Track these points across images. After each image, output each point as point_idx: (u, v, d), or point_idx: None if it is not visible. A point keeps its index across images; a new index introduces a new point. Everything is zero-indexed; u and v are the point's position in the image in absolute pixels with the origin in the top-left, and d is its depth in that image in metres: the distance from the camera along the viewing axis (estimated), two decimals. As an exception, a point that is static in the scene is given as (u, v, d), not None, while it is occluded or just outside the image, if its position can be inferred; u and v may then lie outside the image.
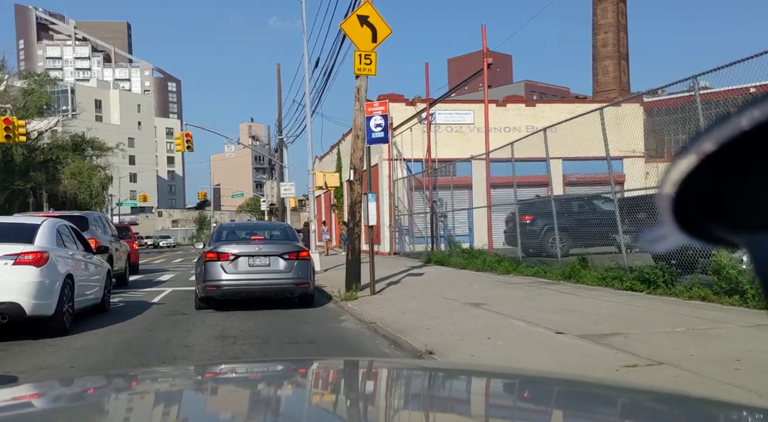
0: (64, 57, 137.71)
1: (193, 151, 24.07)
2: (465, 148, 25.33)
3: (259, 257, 9.01)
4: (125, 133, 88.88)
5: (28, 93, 37.06)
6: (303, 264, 9.19)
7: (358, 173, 11.28)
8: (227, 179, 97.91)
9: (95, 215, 12.81)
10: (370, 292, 10.43)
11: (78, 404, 1.48)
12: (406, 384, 1.74)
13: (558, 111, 27.36)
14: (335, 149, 37.09)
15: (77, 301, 7.59)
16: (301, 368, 2.06)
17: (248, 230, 10.67)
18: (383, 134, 10.38)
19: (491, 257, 14.86)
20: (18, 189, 37.19)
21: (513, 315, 7.35)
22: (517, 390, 1.63)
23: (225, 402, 1.52)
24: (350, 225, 11.30)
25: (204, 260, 8.95)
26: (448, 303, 8.93)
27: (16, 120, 18.90)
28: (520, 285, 10.87)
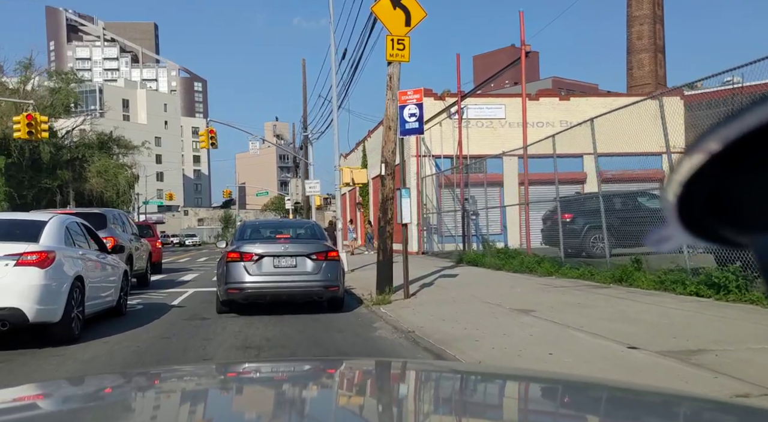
0: (93, 58, 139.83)
1: (217, 147, 23.59)
2: (495, 143, 24.42)
3: (285, 257, 8.29)
4: (152, 132, 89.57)
5: (55, 91, 37.11)
6: (332, 265, 8.44)
7: (389, 167, 10.50)
8: (252, 178, 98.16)
9: (114, 212, 12.26)
10: (403, 295, 9.66)
11: (100, 403, 1.48)
12: (436, 387, 1.70)
13: (593, 105, 26.20)
14: (361, 146, 36.38)
15: (88, 305, 6.96)
16: (329, 368, 2.02)
17: (273, 228, 9.97)
18: (418, 125, 9.58)
19: (530, 257, 13.95)
20: (45, 187, 37.30)
21: (570, 325, 6.49)
22: (559, 395, 1.55)
23: (249, 402, 1.51)
24: (381, 223, 10.53)
25: (226, 260, 8.27)
26: (491, 309, 8.10)
27: (39, 116, 18.58)
28: (567, 288, 9.97)
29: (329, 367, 2.06)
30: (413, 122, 9.63)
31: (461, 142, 22.90)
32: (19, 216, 7.77)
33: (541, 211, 20.32)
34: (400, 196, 9.65)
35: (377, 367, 2.16)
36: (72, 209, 11.42)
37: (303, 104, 31.04)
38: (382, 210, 10.50)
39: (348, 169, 17.43)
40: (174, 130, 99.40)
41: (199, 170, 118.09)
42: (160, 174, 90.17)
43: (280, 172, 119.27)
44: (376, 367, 2.16)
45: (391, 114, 10.33)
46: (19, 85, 35.85)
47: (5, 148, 34.78)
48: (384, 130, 10.54)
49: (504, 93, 29.94)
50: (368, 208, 36.30)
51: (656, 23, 37.30)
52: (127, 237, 12.05)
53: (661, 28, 37.82)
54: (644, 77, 36.86)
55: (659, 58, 37.41)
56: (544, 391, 1.62)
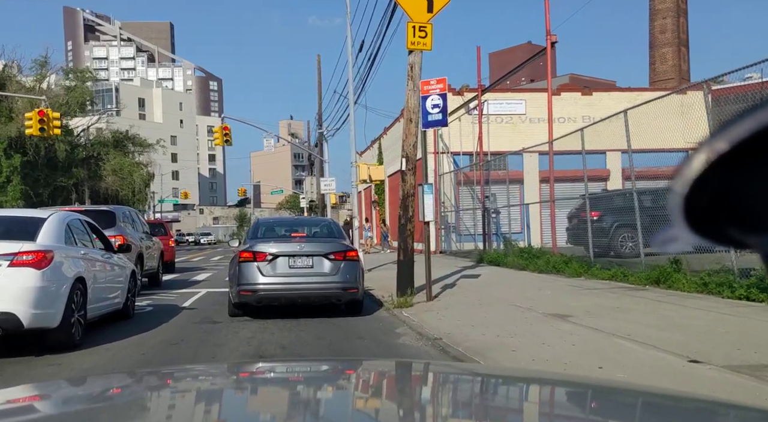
0: (109, 57, 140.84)
1: (231, 144, 23.17)
2: (516, 139, 23.78)
3: (301, 257, 7.76)
4: (167, 131, 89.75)
5: (71, 89, 37.02)
6: (351, 265, 7.90)
7: (411, 162, 9.94)
8: (267, 176, 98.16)
9: (124, 210, 11.83)
10: (426, 298, 9.10)
11: (115, 402, 1.47)
12: (456, 389, 1.67)
13: (617, 100, 25.43)
14: (376, 144, 35.85)
15: (91, 309, 6.49)
16: (348, 368, 1.98)
17: (288, 226, 9.45)
18: (441, 116, 9.00)
19: (556, 257, 13.31)
20: (61, 185, 37.24)
21: (615, 333, 5.88)
22: (587, 400, 1.47)
23: (264, 403, 1.48)
24: (402, 220, 9.97)
25: (238, 260, 7.76)
26: (523, 313, 7.50)
27: (51, 112, 18.27)
28: (600, 291, 9.35)
29: (347, 368, 2.01)
30: (436, 114, 9.06)
31: (482, 138, 22.24)
32: (16, 212, 7.34)
33: (564, 210, 19.67)
34: (422, 192, 9.09)
35: (397, 368, 2.10)
36: (80, 206, 10.99)
37: (318, 101, 30.59)
38: (403, 207, 9.94)
39: (365, 165, 16.89)
40: (189, 128, 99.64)
41: (215, 169, 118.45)
42: (175, 172, 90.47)
43: (295, 170, 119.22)
44: (396, 368, 2.11)
45: (412, 105, 9.77)
46: (35, 83, 35.76)
47: (21, 146, 34.74)
48: (404, 122, 9.98)
49: (523, 88, 29.22)
50: (384, 206, 35.77)
51: (680, 16, 36.32)
52: (138, 236, 11.62)
53: (685, 21, 36.83)
54: (667, 72, 35.91)
55: (683, 53, 36.43)
56: (571, 396, 1.55)
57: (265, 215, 72.08)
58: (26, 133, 19.33)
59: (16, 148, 34.74)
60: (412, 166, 9.91)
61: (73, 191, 38.34)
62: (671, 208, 0.53)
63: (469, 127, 24.08)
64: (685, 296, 8.26)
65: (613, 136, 13.72)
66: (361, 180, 16.71)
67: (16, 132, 34.23)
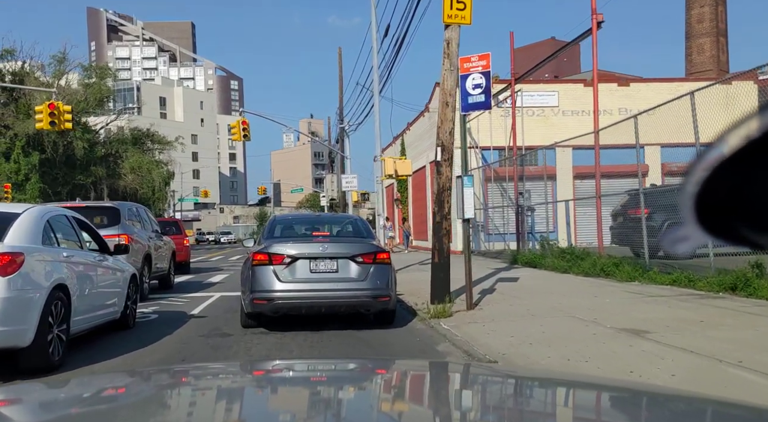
0: (132, 57, 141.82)
1: (249, 140, 22.23)
2: (548, 133, 22.50)
3: (324, 260, 6.66)
4: (188, 129, 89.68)
5: (89, 86, 36.51)
6: (382, 269, 6.78)
7: (447, 152, 8.78)
8: (287, 175, 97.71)
9: (130, 206, 10.86)
10: (466, 306, 7.94)
11: (130, 401, 1.46)
12: (485, 392, 1.60)
13: (657, 90, 23.97)
14: (399, 140, 34.69)
15: (77, 321, 5.47)
16: (379, 368, 1.94)
17: (309, 224, 8.34)
18: (484, 98, 7.82)
19: (604, 259, 12.03)
20: (79, 183, 36.80)
21: (718, 357, 4.67)
22: (628, 407, 1.39)
23: (286, 404, 1.44)
24: (437, 218, 8.82)
25: (251, 264, 6.68)
26: (587, 327, 6.31)
27: (62, 105, 17.46)
28: (667, 299, 8.09)
29: (378, 367, 1.96)
30: (478, 95, 7.89)
31: (515, 132, 20.99)
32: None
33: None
34: (461, 185, 7.93)
35: (432, 369, 2.05)
36: (81, 202, 10.04)
37: (339, 95, 29.56)
38: (438, 202, 8.79)
39: (390, 159, 15.75)
40: (210, 127, 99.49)
41: (235, 168, 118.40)
42: (196, 171, 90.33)
43: (315, 169, 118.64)
44: (430, 369, 2.05)
45: (448, 87, 8.61)
46: (53, 80, 35.29)
47: (39, 143, 34.33)
48: (440, 107, 8.82)
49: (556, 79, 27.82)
50: (406, 204, 34.60)
51: (718, 5, 34.54)
52: (146, 235, 10.64)
53: (724, 9, 35.03)
54: (705, 63, 34.18)
55: (721, 43, 34.65)
56: (614, 401, 1.47)
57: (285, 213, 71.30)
58: (36, 127, 18.56)
59: (35, 146, 34.34)
60: (449, 156, 8.75)
61: (92, 189, 37.87)
62: (682, 207, 0.51)
63: (499, 120, 22.82)
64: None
65: (652, 129, 12.74)
66: (387, 175, 15.57)
67: (34, 129, 33.79)
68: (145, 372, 2.50)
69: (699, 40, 34.65)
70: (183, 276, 15.53)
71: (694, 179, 0.50)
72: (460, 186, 7.97)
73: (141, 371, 2.77)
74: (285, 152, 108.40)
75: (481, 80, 7.84)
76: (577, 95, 24.44)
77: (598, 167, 13.53)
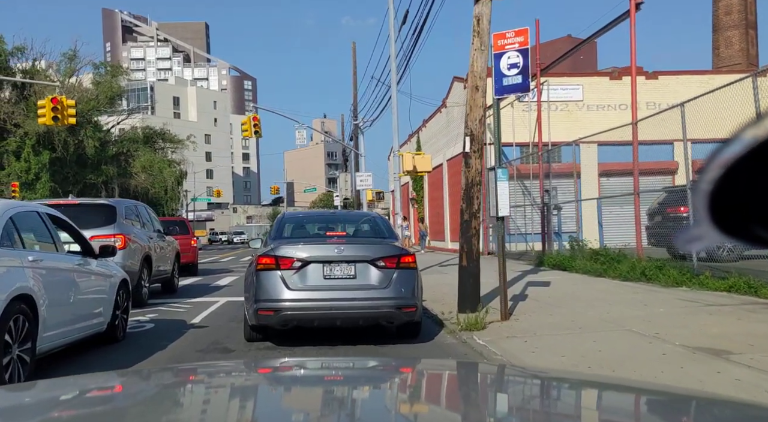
0: (146, 58, 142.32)
1: (261, 136, 21.44)
2: (572, 128, 21.48)
3: (340, 264, 5.74)
4: (202, 129, 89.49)
5: (99, 84, 35.97)
6: (407, 275, 5.84)
7: (476, 142, 7.83)
8: (300, 175, 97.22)
9: (128, 204, 10.00)
10: (500, 316, 6.99)
11: (150, 397, 1.44)
12: (524, 396, 1.51)
13: (686, 83, 22.83)
14: (414, 137, 33.71)
15: (48, 338, 4.60)
16: (403, 367, 1.90)
17: (323, 223, 7.42)
18: (521, 79, 6.85)
19: (645, 262, 10.98)
20: (90, 182, 36.29)
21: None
22: (670, 412, 1.30)
23: (302, 404, 1.39)
24: (465, 216, 7.87)
25: (255, 268, 5.78)
26: (650, 345, 5.32)
27: (65, 100, 16.74)
28: (734, 309, 7.05)
29: (404, 366, 1.94)
30: (514, 75, 6.92)
31: (541, 125, 19.97)
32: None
33: (628, 206, 17.54)
34: (495, 178, 6.96)
35: (459, 369, 1.97)
36: (73, 199, 9.21)
37: (353, 91, 28.67)
38: (466, 199, 7.84)
39: (409, 154, 14.76)
40: (223, 127, 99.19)
41: (249, 167, 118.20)
42: (209, 171, 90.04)
43: (328, 169, 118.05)
44: (459, 369, 1.97)
45: (478, 69, 7.65)
46: (64, 78, 34.77)
47: (49, 142, 33.83)
48: (469, 92, 7.87)
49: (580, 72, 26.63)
50: (422, 204, 33.64)
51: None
52: (146, 235, 9.79)
53: (753, 0, 33.57)
54: (733, 57, 32.71)
55: (751, 35, 33.16)
56: (651, 405, 1.38)
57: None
58: (39, 122, 17.88)
59: (45, 145, 33.83)
60: (478, 147, 7.79)
61: (103, 189, 37.33)
62: (696, 206, 0.51)
63: (521, 115, 21.81)
64: None
65: (679, 125, 11.89)
66: (405, 171, 14.59)
67: (45, 128, 33.32)
68: (146, 371, 2.42)
69: (727, 32, 33.22)
70: (190, 279, 14.73)
71: (708, 177, 0.49)
72: (494, 179, 7.01)
73: (144, 370, 2.56)
74: (298, 152, 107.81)
75: (517, 59, 6.87)
76: (602, 89, 23.34)
77: (636, 163, 12.51)
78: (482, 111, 7.79)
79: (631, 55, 13.13)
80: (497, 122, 7.28)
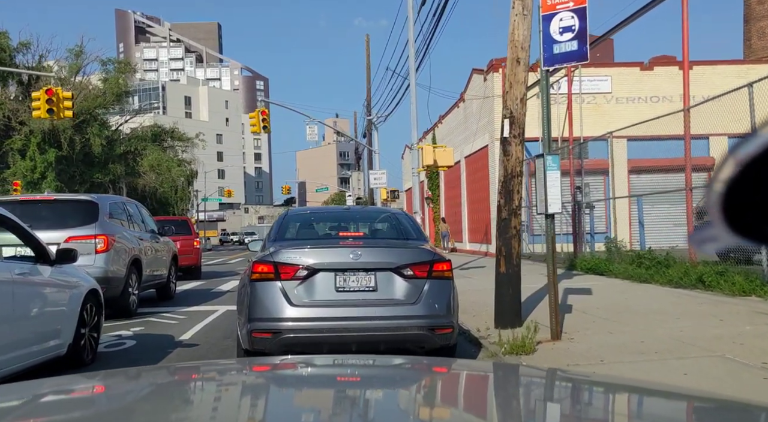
0: (159, 58, 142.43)
1: (269, 131, 20.33)
2: (599, 122, 20.20)
3: (357, 273, 4.52)
4: (213, 129, 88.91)
5: (106, 80, 35.11)
6: (441, 287, 4.61)
7: (517, 125, 6.60)
8: (313, 175, 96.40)
9: (114, 201, 8.78)
10: (550, 336, 5.74)
11: (153, 395, 1.41)
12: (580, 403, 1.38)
13: (722, 74, 21.39)
14: (430, 134, 32.46)
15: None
16: (437, 366, 1.78)
17: (334, 221, 6.18)
18: (577, 45, 5.60)
19: (701, 267, 9.66)
20: (97, 182, 35.46)
21: None
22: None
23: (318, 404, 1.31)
24: (503, 214, 6.64)
25: (249, 278, 4.58)
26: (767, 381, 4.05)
27: (61, 92, 15.70)
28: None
29: (438, 365, 1.85)
30: (568, 41, 5.65)
31: (572, 119, 18.69)
32: None
33: (659, 205, 16.44)
34: (543, 167, 5.71)
35: (496, 371, 1.82)
36: (50, 195, 8.06)
37: (367, 85, 27.51)
38: (505, 193, 6.61)
39: (429, 147, 13.50)
40: (235, 127, 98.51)
41: (260, 168, 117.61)
42: (221, 171, 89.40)
43: (341, 169, 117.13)
44: (495, 371, 1.81)
45: (519, 37, 6.41)
46: (69, 75, 33.92)
47: (55, 140, 33.02)
48: (508, 65, 6.63)
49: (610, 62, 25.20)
50: (438, 203, 32.38)
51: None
52: (134, 236, 8.64)
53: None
54: (767, 48, 31.09)
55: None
56: (700, 412, 1.29)
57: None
58: (33, 116, 16.88)
59: (51, 143, 33.03)
60: (519, 131, 6.56)
61: (110, 188, 36.48)
62: (710, 207, 0.50)
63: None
64: None
65: (718, 118, 10.70)
66: (425, 166, 13.34)
67: (50, 125, 32.51)
68: (144, 370, 2.21)
69: (760, 23, 31.56)
70: (192, 283, 13.63)
71: (722, 176, 0.48)
72: (542, 169, 5.76)
73: (145, 369, 2.28)
74: (311, 152, 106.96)
75: (572, 21, 5.61)
76: (632, 80, 21.95)
77: (688, 154, 11.15)
78: (524, 88, 6.56)
79: (683, 41, 11.78)
80: (546, 99, 6.02)
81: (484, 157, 22.99)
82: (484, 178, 23.02)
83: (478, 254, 22.12)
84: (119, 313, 7.97)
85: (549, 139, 5.97)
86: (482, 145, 23.11)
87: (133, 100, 42.16)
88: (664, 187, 14.99)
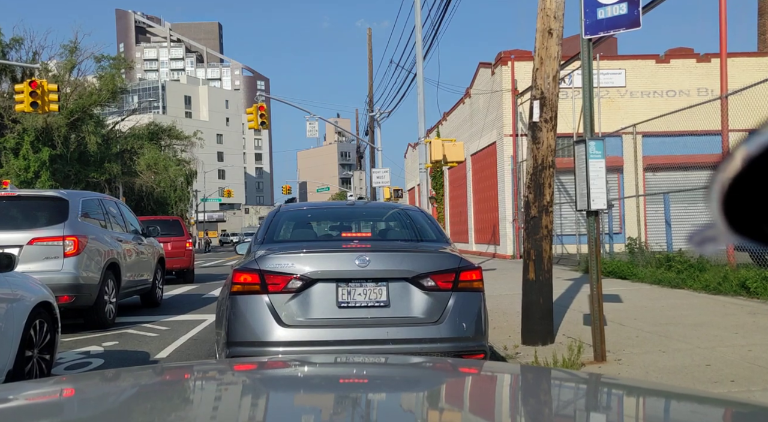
0: (159, 58, 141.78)
1: (267, 127, 19.42)
2: (613, 117, 19.29)
3: (365, 284, 3.58)
4: (214, 129, 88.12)
5: (101, 77, 34.22)
6: (470, 301, 3.67)
7: (549, 107, 5.67)
8: (314, 175, 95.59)
9: (88, 197, 7.79)
10: (594, 356, 4.80)
11: (154, 396, 1.35)
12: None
13: (742, 67, 20.43)
14: (434, 131, 31.53)
15: None
16: (468, 367, 1.72)
17: (335, 220, 5.17)
18: (627, 9, 4.66)
19: (743, 271, 8.71)
20: (93, 181, 34.58)
21: None
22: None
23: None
24: (533, 211, 5.71)
25: (229, 291, 3.64)
26: None
27: (46, 84, 14.80)
28: None
29: (468, 367, 1.80)
30: (615, 4, 4.71)
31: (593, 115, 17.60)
32: None
33: (674, 205, 15.65)
34: (585, 154, 4.78)
35: (523, 373, 1.71)
36: (13, 190, 7.11)
37: (369, 81, 26.60)
38: (534, 187, 5.68)
39: (439, 141, 12.54)
40: (236, 126, 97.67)
41: (261, 168, 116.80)
42: (221, 171, 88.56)
43: (342, 169, 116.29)
44: (522, 373, 1.72)
45: (553, 4, 5.47)
46: (63, 72, 33.03)
47: (49, 138, 32.14)
48: (538, 38, 5.69)
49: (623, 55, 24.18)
50: (442, 202, 31.44)
51: (795, -23, 30.49)
52: (112, 237, 7.70)
53: (803, -18, 30.94)
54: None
55: (800, 20, 30.51)
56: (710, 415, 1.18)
57: (312, 214, 68.73)
58: (16, 109, 15.97)
59: (45, 141, 32.14)
60: (552, 115, 5.63)
61: (106, 188, 35.60)
62: (710, 207, 0.49)
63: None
64: None
65: (741, 112, 9.98)
66: (434, 161, 12.39)
67: (43, 122, 31.65)
68: (140, 369, 2.18)
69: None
70: (183, 287, 12.71)
71: (722, 175, 0.47)
72: (583, 157, 4.82)
73: (136, 369, 2.22)
74: (312, 152, 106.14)
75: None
76: (647, 74, 21.01)
77: (726, 139, 10.21)
78: (557, 64, 5.62)
79: (721, 30, 10.86)
80: (588, 72, 5.07)
81: (491, 155, 22.02)
82: (491, 177, 22.05)
83: (485, 255, 21.19)
84: (93, 325, 7.05)
85: (591, 122, 5.03)
86: (489, 141, 22.15)
87: (132, 100, 41.27)
88: (683, 186, 14.15)
